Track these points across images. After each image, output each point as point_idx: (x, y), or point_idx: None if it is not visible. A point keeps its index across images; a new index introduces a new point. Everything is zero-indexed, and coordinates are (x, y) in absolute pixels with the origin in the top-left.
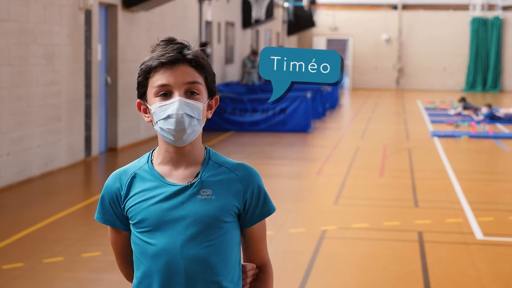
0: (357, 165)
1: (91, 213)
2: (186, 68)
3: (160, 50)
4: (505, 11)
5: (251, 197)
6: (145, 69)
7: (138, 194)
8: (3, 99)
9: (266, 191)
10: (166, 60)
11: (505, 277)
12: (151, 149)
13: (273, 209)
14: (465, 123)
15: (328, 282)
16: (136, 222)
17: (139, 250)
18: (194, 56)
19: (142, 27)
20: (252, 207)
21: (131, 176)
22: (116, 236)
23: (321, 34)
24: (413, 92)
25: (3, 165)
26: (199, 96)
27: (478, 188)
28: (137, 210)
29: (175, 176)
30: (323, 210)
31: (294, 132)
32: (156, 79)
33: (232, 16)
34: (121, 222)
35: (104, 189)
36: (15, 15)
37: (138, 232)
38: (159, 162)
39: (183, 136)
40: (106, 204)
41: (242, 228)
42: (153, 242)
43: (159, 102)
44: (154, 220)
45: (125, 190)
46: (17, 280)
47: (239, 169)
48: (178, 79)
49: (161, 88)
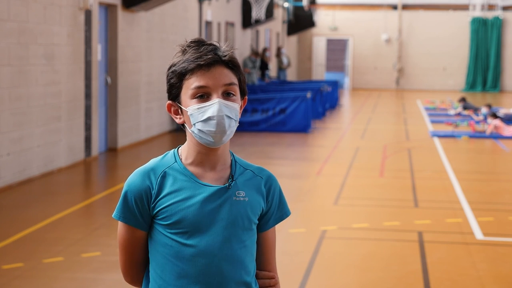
0: (357, 165)
1: (91, 213)
2: (223, 69)
3: (194, 52)
4: (505, 11)
5: (272, 199)
6: (180, 71)
7: (172, 194)
8: (3, 99)
9: (283, 195)
10: (204, 62)
11: (505, 277)
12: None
13: (289, 212)
14: (464, 123)
15: (328, 282)
16: (172, 223)
17: (172, 252)
18: (230, 58)
19: (142, 27)
20: (272, 209)
21: (161, 174)
22: (132, 235)
23: (321, 34)
24: (413, 92)
25: (3, 165)
26: (235, 97)
27: (478, 188)
28: (172, 211)
29: (208, 177)
30: (323, 210)
31: (294, 132)
32: (192, 81)
33: (232, 16)
34: (144, 222)
35: (129, 186)
36: (15, 15)
37: (172, 233)
38: (190, 163)
39: (223, 137)
40: (131, 203)
41: (258, 232)
42: (192, 243)
43: (197, 104)
44: (193, 222)
45: (156, 189)
46: (17, 280)
47: (262, 172)
48: (216, 80)
49: (199, 90)
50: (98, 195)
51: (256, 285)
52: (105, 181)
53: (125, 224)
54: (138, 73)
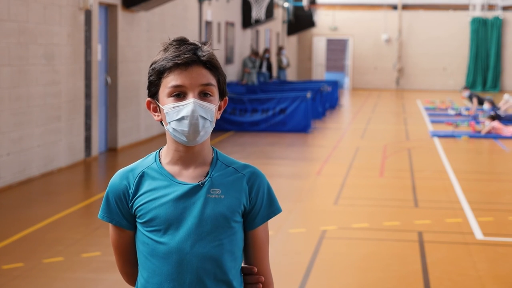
0: (357, 165)
1: (91, 213)
2: (201, 69)
3: (174, 51)
4: (505, 11)
5: (256, 196)
6: (159, 69)
7: (147, 193)
8: (3, 99)
9: (273, 192)
10: (182, 61)
11: (505, 277)
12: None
13: (279, 209)
14: (464, 123)
15: (328, 282)
16: (146, 221)
17: (148, 250)
18: (208, 58)
19: (142, 27)
20: (258, 206)
21: (139, 174)
22: (120, 236)
23: (321, 34)
24: (413, 92)
25: (3, 165)
26: (212, 98)
27: (478, 188)
28: (147, 209)
29: (185, 175)
30: (323, 210)
31: (294, 132)
32: (170, 79)
33: (232, 16)
34: (127, 221)
35: (110, 187)
36: (15, 15)
37: (147, 231)
38: (168, 162)
39: (196, 137)
40: (112, 203)
41: (246, 230)
42: (164, 241)
43: (173, 102)
44: (165, 219)
45: (133, 188)
46: (17, 280)
47: (246, 169)
48: (192, 80)
49: (175, 88)
50: (98, 195)
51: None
52: (105, 181)
53: (111, 223)
54: (138, 73)
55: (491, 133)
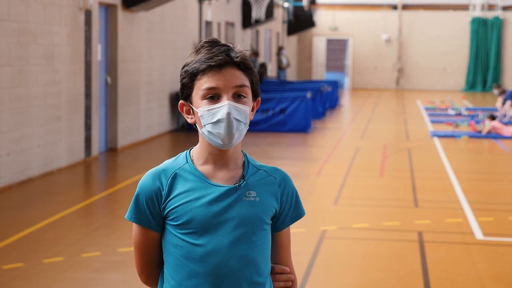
0: (357, 165)
1: (91, 213)
2: (234, 71)
3: (206, 52)
4: (505, 11)
5: (286, 199)
6: (192, 71)
7: (182, 195)
8: (3, 99)
9: (298, 195)
10: (215, 63)
11: (505, 277)
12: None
13: (303, 212)
14: (464, 123)
15: (328, 282)
16: (182, 223)
17: (183, 252)
18: (242, 59)
19: (142, 27)
20: (287, 209)
21: (171, 175)
22: (145, 237)
23: (321, 34)
24: (413, 92)
25: (3, 165)
26: (246, 99)
27: (478, 188)
28: (182, 211)
29: (219, 177)
30: (323, 210)
31: (294, 132)
32: (204, 81)
33: (232, 16)
34: (156, 223)
35: (141, 188)
36: (15, 15)
37: (181, 234)
38: (202, 163)
39: (231, 140)
40: (142, 204)
41: (273, 232)
42: (201, 243)
43: (207, 105)
44: (202, 222)
45: (166, 189)
46: (17, 280)
47: (276, 172)
48: (227, 82)
49: (209, 91)
50: (98, 195)
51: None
52: (105, 181)
53: (138, 225)
54: (138, 73)
55: (491, 133)
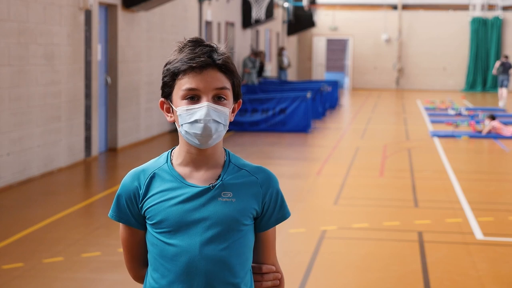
0: (357, 165)
1: (91, 213)
2: (215, 73)
3: (189, 52)
4: (505, 11)
5: (269, 200)
6: (173, 70)
7: (157, 194)
8: (3, 99)
9: (283, 196)
10: (197, 64)
11: (505, 277)
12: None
13: (288, 213)
14: (464, 123)
15: (328, 282)
16: (156, 222)
17: (158, 251)
18: (224, 62)
19: (142, 27)
20: (270, 210)
21: (150, 175)
22: (130, 235)
23: (321, 34)
24: (413, 92)
25: (3, 165)
26: (226, 102)
27: (478, 188)
28: (156, 211)
29: (196, 177)
30: (323, 210)
31: (294, 132)
32: (184, 82)
33: (232, 16)
34: (136, 221)
35: (121, 187)
36: (15, 15)
37: (157, 233)
38: (180, 163)
39: (208, 141)
40: (122, 203)
41: (257, 232)
42: (173, 243)
43: (186, 105)
44: (175, 221)
45: (143, 189)
46: (17, 280)
47: (259, 173)
48: (207, 84)
49: (189, 91)
50: (98, 195)
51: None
52: (105, 181)
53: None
54: (138, 73)
55: (491, 133)
